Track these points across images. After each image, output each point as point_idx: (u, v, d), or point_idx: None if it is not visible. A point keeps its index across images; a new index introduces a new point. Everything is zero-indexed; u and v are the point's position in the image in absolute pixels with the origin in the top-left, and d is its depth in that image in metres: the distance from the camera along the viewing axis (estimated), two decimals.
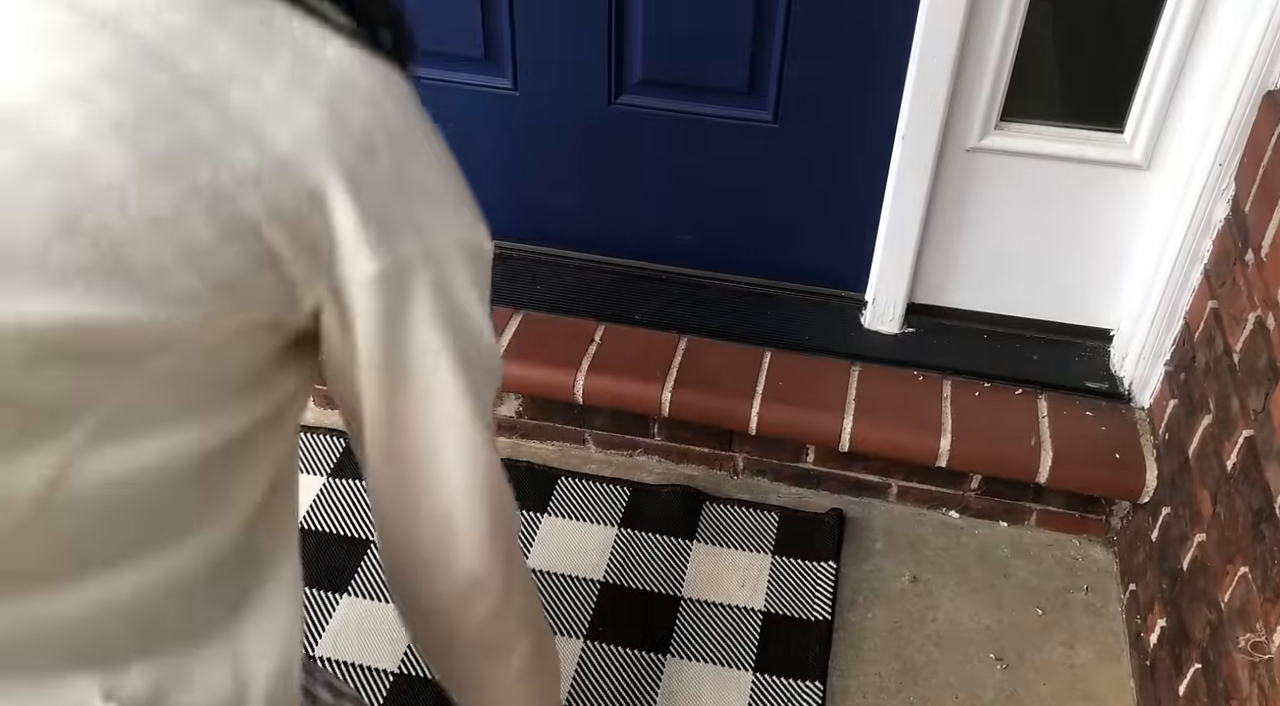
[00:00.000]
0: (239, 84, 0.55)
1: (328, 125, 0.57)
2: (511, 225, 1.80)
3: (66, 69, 0.51)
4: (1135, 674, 1.40)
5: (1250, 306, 1.21)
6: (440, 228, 0.63)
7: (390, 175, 0.60)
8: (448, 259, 0.63)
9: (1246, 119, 1.30)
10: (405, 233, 0.61)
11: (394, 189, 0.60)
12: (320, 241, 0.58)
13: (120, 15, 0.53)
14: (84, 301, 0.51)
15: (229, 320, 0.58)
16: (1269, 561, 1.05)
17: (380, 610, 1.46)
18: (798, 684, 1.38)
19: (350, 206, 0.58)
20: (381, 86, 0.60)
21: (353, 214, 0.58)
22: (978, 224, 1.59)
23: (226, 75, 0.55)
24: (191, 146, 0.53)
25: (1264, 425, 1.12)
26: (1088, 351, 1.65)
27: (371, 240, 0.59)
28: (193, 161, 0.53)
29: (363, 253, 0.59)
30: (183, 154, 0.53)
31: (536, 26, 1.58)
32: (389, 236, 0.60)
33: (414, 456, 0.68)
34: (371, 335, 0.62)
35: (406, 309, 0.62)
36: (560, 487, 1.64)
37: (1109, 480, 1.49)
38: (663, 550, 1.55)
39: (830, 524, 1.58)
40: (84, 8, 0.53)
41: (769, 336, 1.67)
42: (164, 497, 0.62)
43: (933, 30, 1.40)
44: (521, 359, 1.62)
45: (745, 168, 1.64)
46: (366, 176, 0.58)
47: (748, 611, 1.47)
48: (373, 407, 0.66)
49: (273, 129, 0.55)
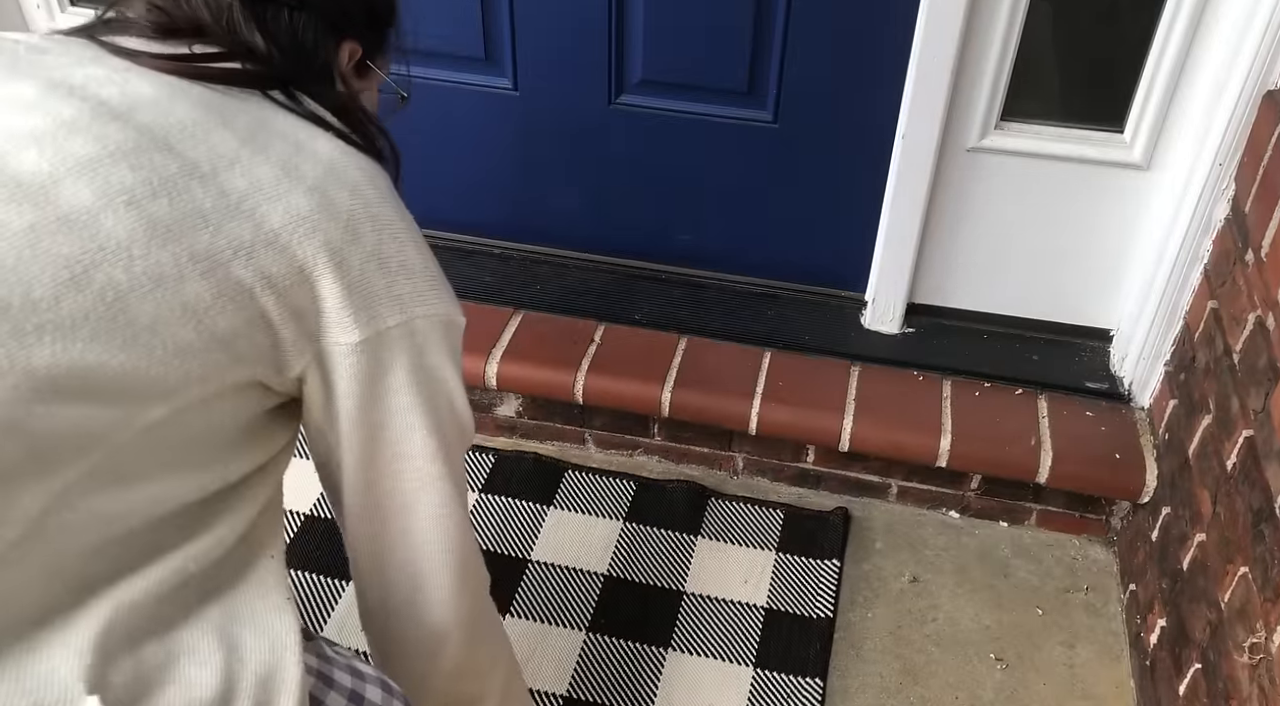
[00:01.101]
0: (238, 169, 0.63)
1: (316, 209, 0.65)
2: (511, 225, 1.80)
3: (85, 149, 0.60)
4: (1135, 674, 1.40)
5: (1250, 306, 1.21)
6: (417, 302, 0.71)
7: (373, 254, 0.68)
8: (424, 330, 0.71)
9: (1246, 119, 1.30)
10: (386, 306, 0.69)
11: (376, 266, 0.68)
12: (307, 311, 0.66)
13: (132, 109, 0.62)
14: (89, 349, 0.58)
15: (223, 375, 0.64)
16: (1269, 561, 1.05)
17: None
18: (798, 680, 1.38)
19: (335, 281, 0.66)
20: (366, 178, 0.69)
21: (338, 287, 0.66)
22: (978, 224, 1.59)
23: (227, 162, 0.63)
24: (193, 218, 0.61)
25: (1264, 425, 1.12)
26: (1088, 351, 1.65)
27: (354, 312, 0.67)
28: (193, 231, 0.61)
29: (346, 323, 0.67)
30: (185, 224, 0.61)
31: (536, 26, 1.58)
32: (371, 308, 0.68)
33: (389, 511, 0.75)
34: (352, 397, 0.69)
35: (385, 374, 0.70)
36: (567, 481, 1.64)
37: (1109, 480, 1.49)
38: (667, 545, 1.55)
39: (835, 522, 1.59)
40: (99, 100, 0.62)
41: (769, 336, 1.67)
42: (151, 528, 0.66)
43: (933, 30, 1.40)
44: (521, 359, 1.62)
45: (745, 168, 1.64)
46: (351, 255, 0.66)
47: (750, 607, 1.47)
48: (351, 466, 0.73)
49: (266, 209, 0.63)
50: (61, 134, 0.60)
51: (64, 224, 0.58)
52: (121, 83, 0.64)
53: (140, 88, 0.64)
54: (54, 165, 0.59)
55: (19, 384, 0.56)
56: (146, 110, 0.63)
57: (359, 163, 0.69)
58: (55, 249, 0.57)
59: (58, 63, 0.65)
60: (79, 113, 0.61)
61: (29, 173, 0.58)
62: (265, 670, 0.67)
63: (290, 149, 0.66)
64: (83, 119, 0.61)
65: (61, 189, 0.58)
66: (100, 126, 0.61)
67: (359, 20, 0.82)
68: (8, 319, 0.55)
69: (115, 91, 0.63)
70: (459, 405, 0.76)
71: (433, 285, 0.72)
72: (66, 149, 0.59)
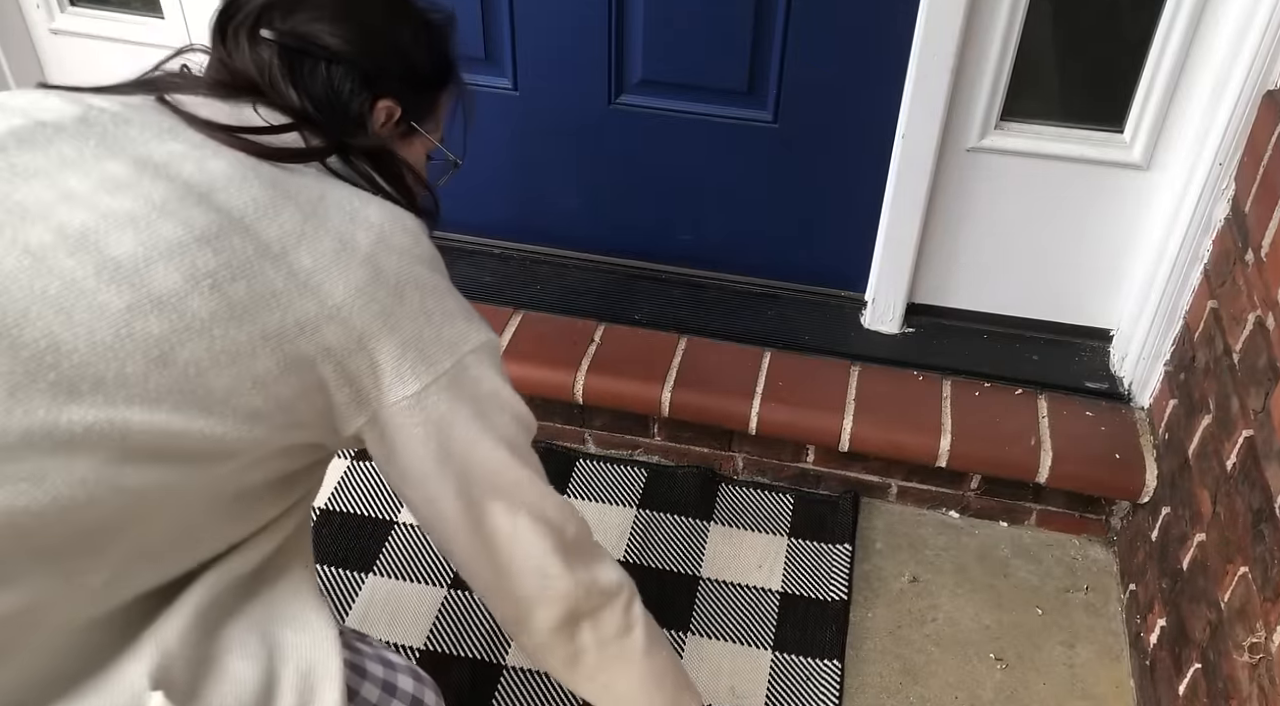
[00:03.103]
0: (304, 246, 0.68)
1: (371, 279, 0.70)
2: (511, 225, 1.80)
3: (173, 233, 0.65)
4: (1135, 673, 1.40)
5: (1250, 306, 1.21)
6: (463, 339, 0.76)
7: (419, 311, 0.73)
8: (473, 363, 0.76)
9: (1246, 119, 1.30)
10: (438, 351, 0.74)
11: (424, 322, 0.73)
12: (364, 374, 0.71)
13: (212, 190, 0.67)
14: (172, 418, 0.63)
15: (284, 436, 0.70)
16: (1269, 561, 1.06)
17: (405, 589, 1.47)
18: (816, 662, 1.39)
19: (389, 341, 0.71)
20: (412, 240, 0.74)
21: (393, 347, 0.71)
22: (977, 224, 1.59)
23: (295, 239, 0.68)
24: (266, 298, 0.66)
25: (1264, 425, 1.12)
26: (1087, 351, 1.65)
27: (410, 365, 0.72)
28: (266, 311, 0.66)
29: (405, 376, 0.72)
30: (259, 305, 0.66)
31: (536, 26, 1.58)
32: (426, 358, 0.73)
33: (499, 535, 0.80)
34: (426, 445, 0.75)
35: (453, 414, 0.75)
36: (578, 470, 1.66)
37: (1109, 480, 1.49)
38: (681, 531, 1.57)
39: (845, 505, 1.60)
40: (183, 181, 0.67)
41: (769, 336, 1.67)
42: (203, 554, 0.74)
43: (933, 30, 1.40)
44: (521, 359, 1.62)
45: (745, 167, 1.64)
46: (401, 316, 0.72)
47: (765, 592, 1.49)
48: (450, 504, 0.77)
49: (329, 286, 0.69)
50: (153, 217, 0.65)
51: (156, 305, 0.63)
52: (199, 160, 0.69)
53: (216, 166, 0.69)
54: (148, 249, 0.64)
55: (114, 447, 0.62)
56: (223, 191, 0.67)
57: (405, 224, 0.74)
58: (147, 329, 0.62)
59: (141, 136, 0.70)
60: (167, 196, 0.66)
61: (126, 255, 0.63)
62: (307, 665, 0.74)
63: (346, 220, 0.71)
64: (171, 202, 0.66)
65: (154, 271, 0.63)
66: (186, 210, 0.66)
67: (396, 76, 0.86)
68: (103, 392, 0.61)
69: (194, 169, 0.68)
70: (519, 408, 0.81)
71: (469, 320, 0.77)
72: (159, 233, 0.64)
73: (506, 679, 1.37)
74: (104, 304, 0.62)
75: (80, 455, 0.61)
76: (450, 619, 1.44)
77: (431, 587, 1.47)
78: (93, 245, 0.63)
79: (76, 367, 0.60)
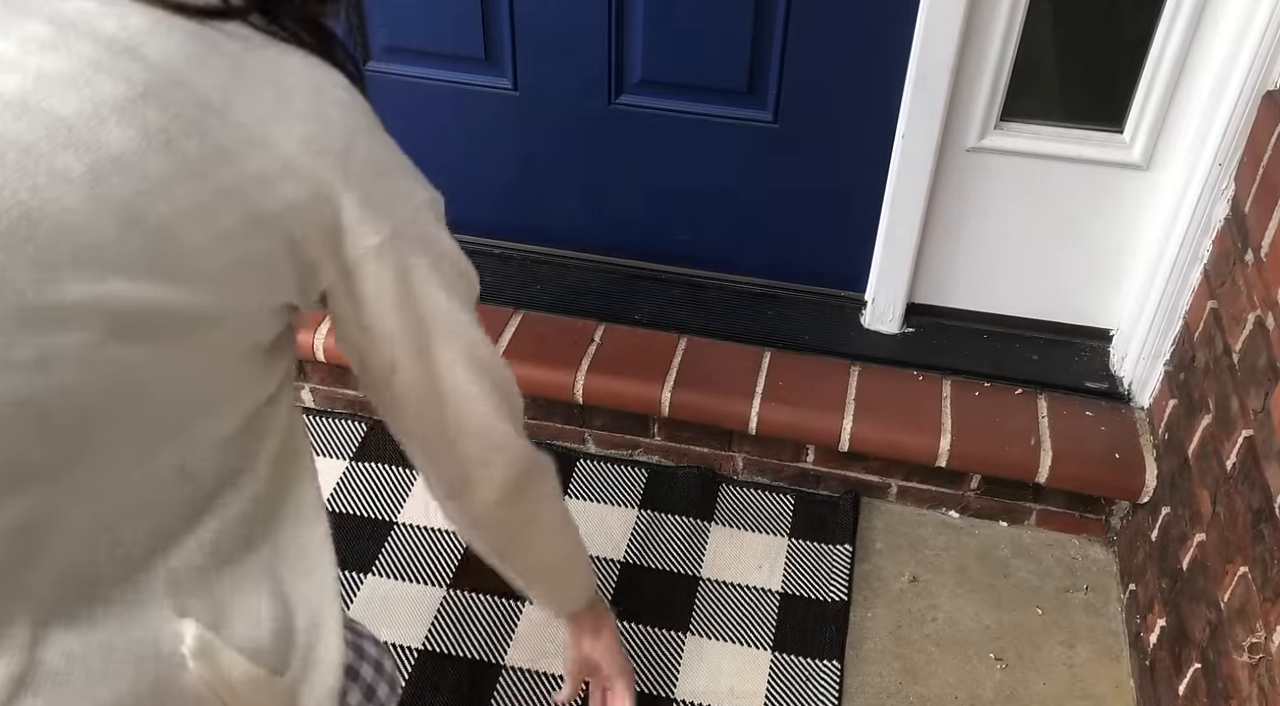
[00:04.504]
0: (241, 99, 0.65)
1: (318, 130, 0.68)
2: (511, 225, 1.80)
3: (116, 90, 0.61)
4: (1135, 673, 1.40)
5: (1250, 306, 1.21)
6: (411, 194, 0.75)
7: (369, 161, 0.71)
8: (423, 215, 0.76)
9: (1246, 119, 1.30)
10: (393, 204, 0.73)
11: (375, 172, 0.72)
12: (329, 225, 0.70)
13: (139, 44, 0.63)
14: (149, 285, 0.62)
15: (262, 298, 0.69)
16: (1269, 561, 1.06)
17: (404, 589, 1.47)
18: (815, 663, 1.39)
19: (349, 192, 0.70)
20: (346, 93, 0.72)
21: (354, 197, 0.70)
22: (977, 224, 1.59)
23: (231, 92, 0.65)
24: (217, 154, 0.64)
25: (1264, 425, 1.12)
26: (1087, 351, 1.65)
27: (370, 217, 0.71)
28: (221, 166, 0.64)
29: (367, 228, 0.71)
30: (212, 161, 0.63)
31: (536, 26, 1.58)
32: (382, 210, 0.72)
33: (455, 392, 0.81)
34: (389, 296, 0.75)
35: (412, 266, 0.75)
36: (579, 471, 1.66)
37: (1109, 480, 1.49)
38: (682, 531, 1.57)
39: (845, 506, 1.60)
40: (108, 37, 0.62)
41: (769, 336, 1.67)
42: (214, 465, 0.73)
43: (933, 30, 1.40)
44: (521, 359, 1.62)
45: (745, 167, 1.64)
46: (354, 167, 0.70)
47: (765, 592, 1.49)
48: (409, 360, 0.78)
49: (275, 137, 0.66)
50: (89, 74, 0.61)
51: (117, 166, 0.60)
52: (118, 16, 0.63)
53: (137, 21, 0.64)
54: (96, 106, 0.60)
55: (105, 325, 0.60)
56: (149, 45, 0.63)
57: (334, 79, 0.71)
58: (114, 191, 0.59)
59: None
60: (97, 52, 0.61)
61: (74, 115, 0.59)
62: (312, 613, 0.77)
63: (277, 71, 0.68)
64: (105, 59, 0.61)
65: (107, 130, 0.60)
66: (122, 66, 0.61)
67: None
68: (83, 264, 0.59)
69: (115, 25, 0.63)
70: (468, 269, 0.83)
71: (415, 175, 0.77)
72: (101, 90, 0.60)
73: (505, 679, 1.37)
74: (64, 168, 0.58)
75: (75, 333, 0.59)
76: (449, 619, 1.44)
77: (430, 587, 1.48)
78: (36, 107, 0.59)
79: (51, 236, 0.58)
